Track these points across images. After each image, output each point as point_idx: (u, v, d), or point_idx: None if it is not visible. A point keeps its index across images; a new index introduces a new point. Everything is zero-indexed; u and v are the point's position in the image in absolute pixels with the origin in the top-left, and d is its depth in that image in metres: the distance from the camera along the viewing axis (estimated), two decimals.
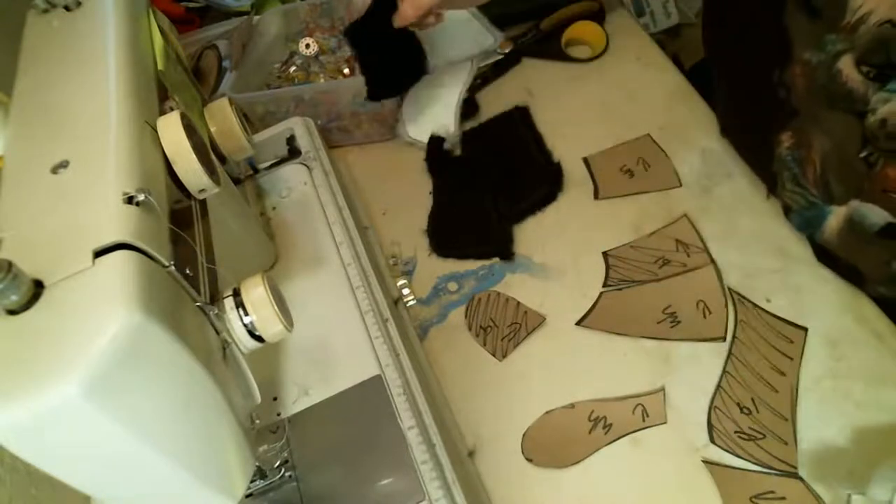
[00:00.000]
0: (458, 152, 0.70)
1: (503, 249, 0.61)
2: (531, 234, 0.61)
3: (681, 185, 0.60)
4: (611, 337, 0.53)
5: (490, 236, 0.62)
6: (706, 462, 0.46)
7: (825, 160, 0.47)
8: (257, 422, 0.42)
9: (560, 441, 0.49)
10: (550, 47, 0.74)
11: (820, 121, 0.47)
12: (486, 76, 0.76)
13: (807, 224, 0.51)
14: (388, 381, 0.47)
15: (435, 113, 0.70)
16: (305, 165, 0.64)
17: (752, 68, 0.52)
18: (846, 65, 0.43)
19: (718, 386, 0.48)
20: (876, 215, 0.45)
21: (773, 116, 0.50)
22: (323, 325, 0.52)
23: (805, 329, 0.50)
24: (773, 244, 0.54)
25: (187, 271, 0.33)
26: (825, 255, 0.52)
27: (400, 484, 0.42)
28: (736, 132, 0.60)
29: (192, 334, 0.30)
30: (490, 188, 0.65)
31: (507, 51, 0.77)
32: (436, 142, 0.71)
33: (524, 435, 0.50)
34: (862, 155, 0.44)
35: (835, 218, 0.48)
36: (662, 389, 0.49)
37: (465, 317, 0.58)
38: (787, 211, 0.53)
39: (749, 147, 0.58)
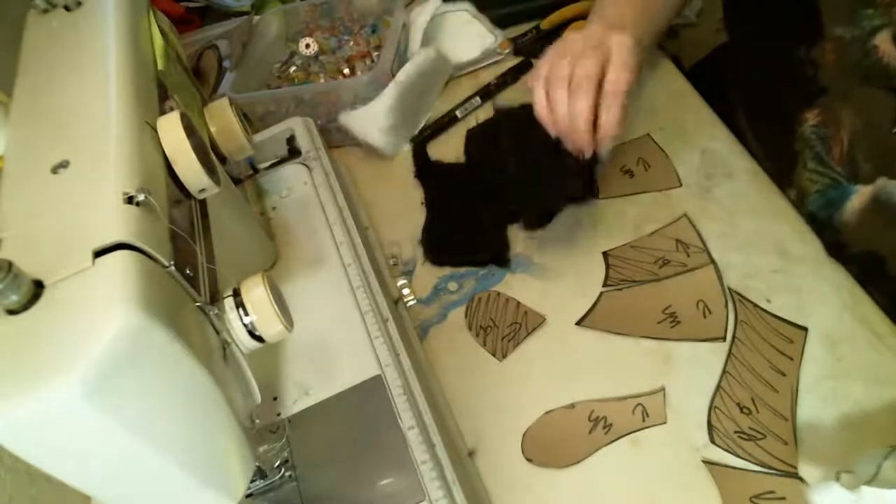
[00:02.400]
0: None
1: (498, 256, 0.60)
2: (531, 235, 0.61)
3: (681, 185, 0.60)
4: (611, 337, 0.53)
5: (484, 243, 0.62)
6: (706, 462, 0.46)
7: (854, 137, 0.46)
8: (257, 422, 0.42)
9: (560, 441, 0.49)
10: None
11: (850, 98, 0.46)
12: (504, 80, 0.75)
13: (828, 204, 0.50)
14: (388, 381, 0.47)
15: (373, 108, 0.68)
16: (305, 165, 0.64)
17: (777, 45, 0.51)
18: (883, 40, 0.42)
19: (718, 386, 0.48)
20: None
21: (799, 94, 0.49)
22: (323, 325, 0.52)
23: (805, 329, 0.50)
24: (773, 244, 0.54)
25: (187, 271, 0.33)
26: (836, 247, 0.51)
27: (400, 484, 0.42)
28: (755, 112, 0.59)
29: (192, 334, 0.30)
30: (489, 192, 0.63)
31: (506, 51, 0.77)
32: (421, 151, 0.71)
33: (524, 435, 0.50)
34: (895, 131, 0.43)
35: (858, 198, 0.48)
36: (662, 389, 0.49)
37: (465, 317, 0.57)
38: (804, 196, 0.52)
39: (768, 127, 0.57)
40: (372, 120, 0.68)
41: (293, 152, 0.66)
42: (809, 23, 0.46)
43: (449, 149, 0.71)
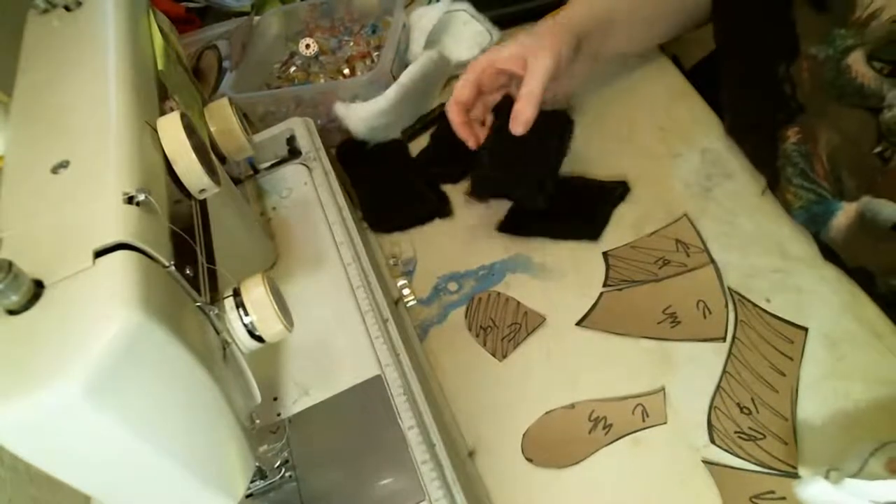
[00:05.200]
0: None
1: (439, 209, 0.64)
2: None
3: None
4: (611, 337, 0.53)
5: (422, 201, 0.65)
6: (706, 462, 0.46)
7: (833, 155, 0.47)
8: (257, 422, 0.42)
9: (560, 441, 0.49)
10: None
11: (828, 116, 0.46)
12: None
13: (813, 220, 0.51)
14: (388, 381, 0.47)
15: (369, 107, 0.70)
16: (305, 165, 0.64)
17: (758, 63, 0.52)
18: (856, 60, 0.42)
19: (718, 386, 0.48)
20: (890, 210, 0.44)
21: (779, 112, 0.50)
22: (323, 325, 0.52)
23: (805, 329, 0.50)
24: (773, 244, 0.54)
25: (187, 271, 0.33)
26: (832, 253, 0.52)
27: (400, 484, 0.42)
28: (740, 128, 0.59)
29: (192, 334, 0.30)
30: (418, 163, 0.70)
31: None
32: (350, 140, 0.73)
33: (524, 435, 0.50)
34: (876, 150, 0.44)
35: (844, 215, 0.48)
36: (662, 389, 0.49)
37: (465, 317, 0.57)
38: (789, 208, 0.53)
39: (753, 143, 0.58)
40: (366, 118, 0.68)
41: (293, 152, 0.66)
42: (786, 42, 0.47)
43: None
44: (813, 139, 0.47)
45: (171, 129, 0.37)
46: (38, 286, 0.28)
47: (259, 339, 0.37)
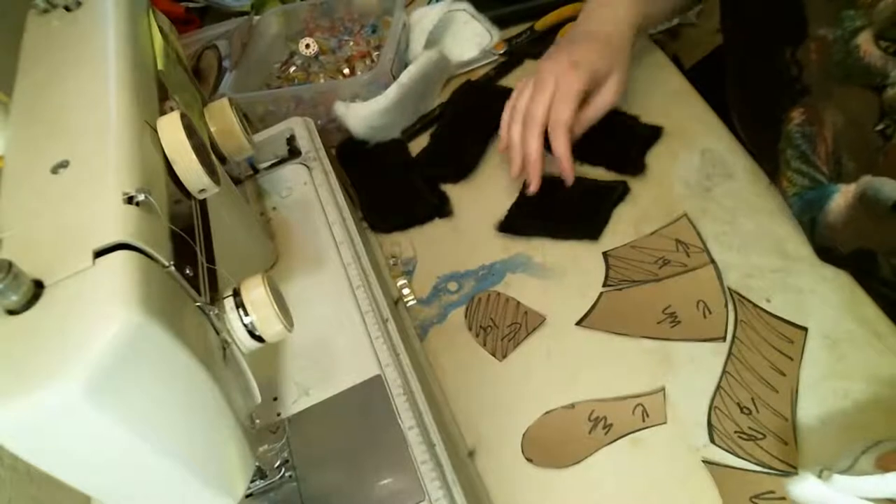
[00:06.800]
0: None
1: (439, 208, 0.65)
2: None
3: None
4: (611, 337, 0.53)
5: (422, 201, 0.66)
6: (706, 462, 0.46)
7: (837, 136, 0.47)
8: (257, 422, 0.42)
9: (560, 441, 0.49)
10: (545, 48, 0.74)
11: (833, 97, 0.47)
12: (489, 76, 0.76)
13: (809, 207, 0.51)
14: (388, 381, 0.47)
15: (370, 107, 0.70)
16: (305, 165, 0.64)
17: (765, 46, 0.52)
18: (864, 40, 0.43)
19: (718, 386, 0.48)
20: (891, 188, 0.44)
21: (784, 94, 0.50)
22: (323, 325, 0.52)
23: (805, 329, 0.50)
24: (773, 244, 0.54)
25: (187, 271, 0.33)
26: (826, 251, 0.52)
27: (400, 484, 0.42)
28: (744, 112, 0.59)
29: (192, 334, 0.30)
30: (417, 162, 0.70)
31: (501, 52, 0.77)
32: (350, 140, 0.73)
33: (524, 435, 0.50)
34: (878, 128, 0.44)
35: (842, 196, 0.48)
36: (662, 389, 0.49)
37: (465, 317, 0.57)
38: (785, 197, 0.53)
39: (755, 127, 0.58)
40: (366, 117, 0.68)
41: (293, 152, 0.66)
42: (794, 23, 0.47)
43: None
44: (818, 120, 0.48)
45: (171, 129, 0.37)
46: (38, 286, 0.28)
47: (259, 339, 0.37)
